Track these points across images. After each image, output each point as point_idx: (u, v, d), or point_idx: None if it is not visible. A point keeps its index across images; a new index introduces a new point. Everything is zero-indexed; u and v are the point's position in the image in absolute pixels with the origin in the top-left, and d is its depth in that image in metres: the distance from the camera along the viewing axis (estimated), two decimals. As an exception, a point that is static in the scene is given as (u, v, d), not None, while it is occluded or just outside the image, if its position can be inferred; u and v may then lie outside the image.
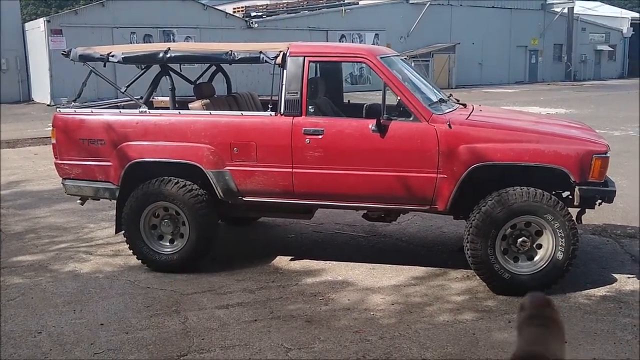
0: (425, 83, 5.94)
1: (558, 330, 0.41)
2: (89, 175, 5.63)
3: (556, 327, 0.41)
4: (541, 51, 39.57)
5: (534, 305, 0.42)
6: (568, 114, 18.27)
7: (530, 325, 0.41)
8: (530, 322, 0.41)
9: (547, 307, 0.42)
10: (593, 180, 4.84)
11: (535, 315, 0.41)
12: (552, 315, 0.42)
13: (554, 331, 0.40)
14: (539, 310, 0.42)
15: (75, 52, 5.92)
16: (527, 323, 0.41)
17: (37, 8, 45.39)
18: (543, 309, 0.42)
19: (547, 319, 0.41)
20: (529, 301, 0.43)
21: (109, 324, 4.49)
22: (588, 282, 5.21)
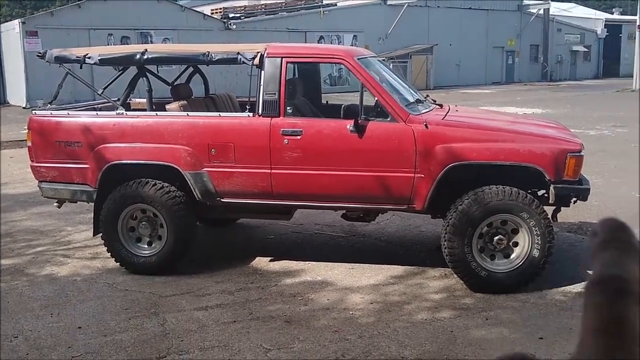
0: (402, 84, 5.98)
1: (635, 253, 0.41)
2: (65, 177, 5.58)
3: (633, 250, 0.41)
4: (518, 52, 39.98)
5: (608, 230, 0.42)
6: (544, 114, 18.50)
7: (605, 249, 0.41)
8: (605, 247, 0.41)
9: (622, 230, 0.42)
10: (568, 178, 4.91)
11: (610, 239, 0.42)
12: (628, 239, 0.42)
13: (631, 254, 0.41)
14: (614, 234, 0.42)
15: (51, 54, 5.88)
16: (602, 247, 0.41)
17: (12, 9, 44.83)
18: (618, 232, 0.42)
19: (623, 242, 0.42)
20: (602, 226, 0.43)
21: (87, 327, 4.46)
22: (564, 279, 5.29)
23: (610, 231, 0.44)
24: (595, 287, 0.40)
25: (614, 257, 0.42)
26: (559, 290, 5.05)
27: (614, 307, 0.39)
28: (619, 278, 0.41)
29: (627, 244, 0.43)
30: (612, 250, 0.43)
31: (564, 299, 4.87)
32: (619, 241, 0.44)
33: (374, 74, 5.35)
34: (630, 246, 0.43)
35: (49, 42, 21.22)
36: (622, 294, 0.39)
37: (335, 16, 31.69)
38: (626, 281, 0.40)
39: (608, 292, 0.40)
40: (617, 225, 0.45)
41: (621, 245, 0.43)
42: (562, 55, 42.69)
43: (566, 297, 4.92)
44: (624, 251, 0.43)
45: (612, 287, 0.40)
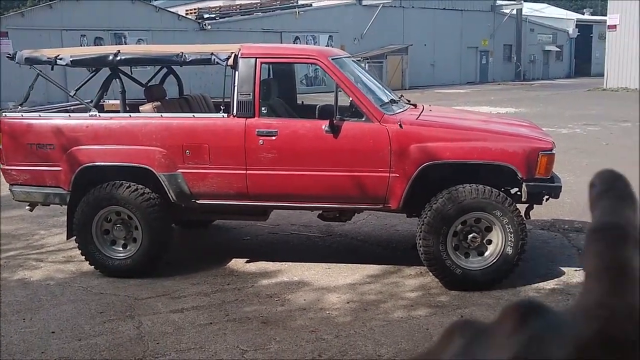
0: (377, 84, 6.02)
1: (632, 201, 0.43)
2: (38, 180, 5.51)
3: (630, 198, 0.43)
4: (491, 52, 40.38)
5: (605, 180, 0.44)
6: (518, 113, 18.71)
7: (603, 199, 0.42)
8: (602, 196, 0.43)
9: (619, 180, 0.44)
10: (540, 176, 4.98)
11: (608, 189, 0.43)
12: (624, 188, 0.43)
13: (628, 202, 0.42)
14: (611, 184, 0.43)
15: (21, 55, 5.80)
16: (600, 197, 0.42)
17: (-19, 10, 44.04)
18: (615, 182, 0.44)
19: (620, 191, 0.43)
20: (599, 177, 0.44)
21: (61, 331, 4.41)
22: (537, 276, 5.36)
23: (607, 181, 0.46)
24: (595, 234, 0.41)
25: (611, 206, 0.44)
26: (532, 287, 5.12)
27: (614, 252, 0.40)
28: (617, 225, 0.42)
29: (624, 192, 0.45)
30: (609, 199, 0.44)
31: (538, 296, 4.94)
32: (616, 190, 0.45)
33: (348, 74, 5.38)
34: (627, 195, 0.45)
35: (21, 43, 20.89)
36: (621, 240, 0.41)
37: (311, 16, 31.72)
38: (624, 227, 0.42)
39: (607, 238, 0.41)
40: (614, 175, 0.47)
41: (618, 194, 0.45)
42: (535, 55, 43.23)
43: (539, 293, 4.99)
44: (621, 199, 0.44)
45: (611, 233, 0.42)
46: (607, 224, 0.42)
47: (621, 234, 0.42)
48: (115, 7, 25.60)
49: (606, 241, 0.41)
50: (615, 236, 0.42)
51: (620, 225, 0.42)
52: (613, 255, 0.40)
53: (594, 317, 0.36)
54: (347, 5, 33.11)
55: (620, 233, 0.42)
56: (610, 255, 0.40)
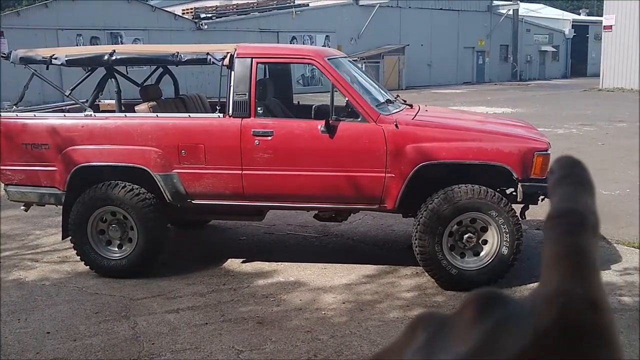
0: (373, 84, 6.02)
1: (590, 187, 0.44)
2: (33, 180, 5.50)
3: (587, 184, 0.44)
4: (488, 52, 40.44)
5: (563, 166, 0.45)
6: (514, 113, 18.74)
7: (561, 185, 0.43)
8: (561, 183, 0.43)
9: (577, 166, 0.44)
10: (535, 176, 4.99)
11: (566, 175, 0.44)
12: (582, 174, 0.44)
13: (586, 188, 0.43)
14: (570, 170, 0.44)
15: (16, 55, 5.78)
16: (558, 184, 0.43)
17: (-23, 9, 43.94)
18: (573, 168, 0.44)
19: (578, 177, 0.44)
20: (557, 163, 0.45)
21: (56, 332, 4.40)
22: (533, 276, 5.36)
23: (565, 168, 0.47)
24: (553, 221, 0.42)
25: (569, 192, 0.44)
26: (528, 287, 5.12)
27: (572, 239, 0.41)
28: (575, 211, 0.43)
29: (581, 178, 0.46)
30: (567, 186, 0.45)
31: (533, 296, 4.94)
32: (574, 176, 0.46)
33: (344, 74, 5.38)
34: (584, 181, 0.46)
35: (16, 43, 20.86)
36: (578, 226, 0.41)
37: (308, 16, 31.71)
38: (582, 213, 0.43)
39: (565, 225, 0.42)
40: (572, 161, 0.48)
41: (576, 179, 0.46)
42: (531, 55, 43.30)
43: (535, 293, 4.99)
44: (579, 185, 0.45)
45: (568, 220, 0.42)
46: (565, 210, 0.43)
47: (579, 220, 0.42)
48: (111, 7, 25.55)
49: (564, 227, 0.42)
50: (573, 222, 0.42)
51: (577, 211, 0.43)
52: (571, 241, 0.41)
53: (552, 304, 0.36)
54: (343, 5, 33.12)
55: (577, 219, 0.42)
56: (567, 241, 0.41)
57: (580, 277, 0.38)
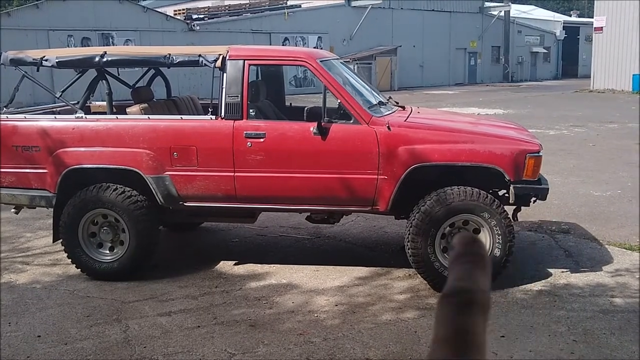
0: (365, 86, 6.02)
1: (484, 265, 0.45)
2: (23, 183, 5.46)
3: (482, 263, 0.45)
4: (480, 53, 40.58)
5: (462, 244, 0.46)
6: (506, 114, 18.80)
7: (458, 263, 0.45)
8: (458, 260, 0.45)
9: (474, 244, 0.46)
10: (527, 178, 5.00)
11: (464, 253, 0.45)
12: (479, 252, 0.45)
13: (480, 266, 0.44)
14: (467, 248, 0.46)
15: (6, 56, 5.74)
16: (456, 261, 0.45)
17: (-33, 10, 43.65)
18: (470, 246, 0.46)
19: (474, 255, 0.45)
20: (457, 241, 0.46)
21: (47, 335, 4.37)
22: (525, 277, 5.38)
23: (463, 245, 0.48)
24: (444, 299, 0.43)
25: (465, 271, 0.45)
26: (520, 289, 5.13)
27: (460, 318, 0.42)
28: (467, 290, 0.44)
29: (478, 257, 0.47)
30: (464, 264, 0.46)
31: (525, 297, 4.96)
32: (471, 255, 0.47)
33: (336, 76, 5.37)
34: (480, 259, 0.47)
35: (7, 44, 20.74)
36: (467, 306, 0.42)
37: (300, 18, 31.72)
38: (473, 293, 0.43)
39: (455, 304, 0.43)
40: (470, 239, 0.48)
41: (473, 258, 0.47)
42: (523, 57, 43.49)
43: (527, 295, 5.01)
44: (475, 264, 0.46)
45: (459, 299, 0.43)
46: (456, 289, 0.43)
47: (469, 299, 0.42)
48: (102, 7, 25.45)
49: (453, 308, 0.42)
50: (463, 303, 0.42)
51: (469, 291, 0.43)
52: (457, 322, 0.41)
53: None
54: (336, 6, 33.14)
55: (468, 299, 0.43)
56: (454, 322, 0.41)
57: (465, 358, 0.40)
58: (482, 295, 0.43)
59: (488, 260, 0.45)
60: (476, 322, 0.41)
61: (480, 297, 0.42)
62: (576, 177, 9.47)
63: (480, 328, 0.40)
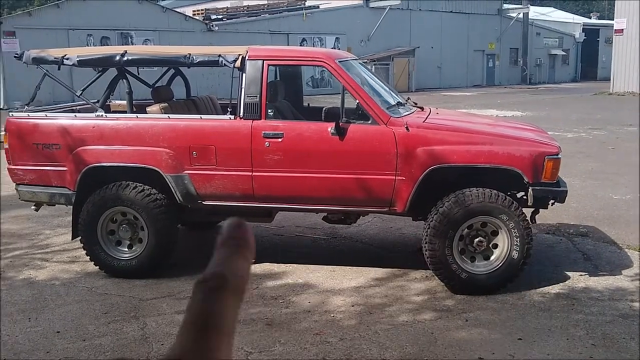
0: (384, 86, 6.01)
1: (246, 250, 0.47)
2: (43, 180, 5.52)
3: (245, 247, 0.47)
4: (498, 55, 40.35)
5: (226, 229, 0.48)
6: (524, 116, 18.68)
7: (221, 248, 0.47)
8: (221, 245, 0.47)
9: (239, 229, 0.47)
10: (546, 180, 4.97)
11: (227, 238, 0.47)
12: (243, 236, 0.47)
13: (242, 252, 0.46)
14: (231, 233, 0.47)
15: (28, 55, 5.80)
16: (218, 247, 0.47)
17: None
18: (234, 231, 0.47)
19: (237, 240, 0.47)
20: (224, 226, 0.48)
21: (66, 331, 4.41)
22: (542, 280, 5.34)
23: (227, 230, 0.49)
24: (197, 285, 0.45)
25: (224, 255, 0.47)
26: (537, 291, 5.10)
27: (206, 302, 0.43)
28: (219, 275, 0.46)
29: (241, 241, 0.48)
30: (225, 249, 0.48)
31: (543, 300, 4.92)
32: (234, 239, 0.48)
33: (355, 76, 5.37)
34: (243, 244, 0.48)
35: (27, 43, 20.97)
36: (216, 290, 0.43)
37: (318, 18, 31.74)
38: (224, 277, 0.45)
39: (203, 291, 0.43)
40: (235, 224, 0.50)
41: (235, 243, 0.48)
42: (541, 59, 43.18)
43: (544, 298, 4.97)
44: (236, 249, 0.47)
45: (210, 283, 0.45)
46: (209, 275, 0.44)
47: (219, 284, 0.44)
48: (122, 7, 25.66)
49: (201, 294, 0.44)
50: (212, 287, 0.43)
51: (221, 275, 0.44)
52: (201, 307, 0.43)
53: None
54: (354, 7, 33.13)
55: (217, 283, 0.43)
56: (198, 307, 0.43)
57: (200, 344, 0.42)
58: (234, 280, 0.44)
59: (251, 244, 0.47)
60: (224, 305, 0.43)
61: (232, 282, 0.44)
62: (595, 180, 9.38)
63: (228, 312, 0.43)
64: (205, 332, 0.42)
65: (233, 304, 0.44)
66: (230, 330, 0.44)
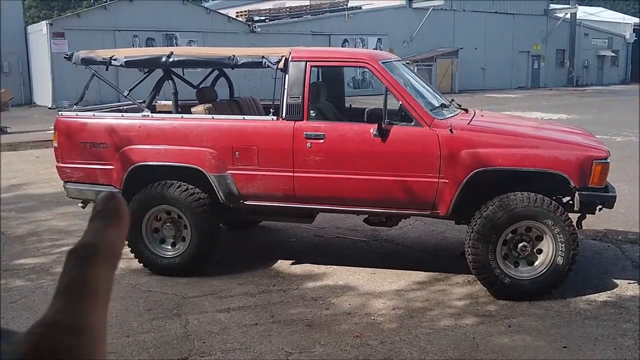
0: (427, 88, 5.96)
1: (119, 221, 0.48)
2: (90, 178, 5.64)
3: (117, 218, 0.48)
4: (543, 56, 39.60)
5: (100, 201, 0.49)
6: (570, 119, 18.28)
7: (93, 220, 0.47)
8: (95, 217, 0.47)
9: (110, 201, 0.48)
10: (593, 185, 4.85)
11: (100, 210, 0.48)
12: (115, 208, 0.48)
13: (114, 222, 0.47)
14: (104, 204, 0.48)
15: (78, 56, 5.95)
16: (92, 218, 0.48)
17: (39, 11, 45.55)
18: (107, 203, 0.48)
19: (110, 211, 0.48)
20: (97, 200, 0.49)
21: (110, 327, 4.50)
22: (589, 287, 5.21)
23: (99, 204, 0.49)
24: (68, 255, 0.45)
25: (95, 227, 0.48)
26: (583, 299, 4.98)
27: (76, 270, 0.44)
28: (88, 244, 0.47)
29: (113, 212, 0.48)
30: (97, 220, 0.48)
31: (589, 308, 4.80)
32: (107, 211, 0.48)
33: (398, 77, 5.34)
34: (114, 214, 0.48)
35: (75, 44, 21.53)
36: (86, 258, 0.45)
37: (360, 19, 31.69)
38: (94, 246, 0.46)
39: (73, 259, 0.45)
40: (106, 197, 0.50)
41: (107, 214, 0.48)
42: (589, 60, 42.21)
43: (591, 305, 4.85)
44: (107, 219, 0.48)
45: (80, 253, 0.46)
46: (80, 244, 0.46)
47: (89, 252, 0.46)
48: (167, 9, 26.11)
49: (72, 261, 0.45)
50: (82, 255, 0.45)
51: (91, 245, 0.46)
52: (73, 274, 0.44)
53: (31, 335, 0.40)
54: (397, 7, 32.97)
55: (87, 252, 0.46)
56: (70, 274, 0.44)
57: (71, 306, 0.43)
58: (105, 247, 0.45)
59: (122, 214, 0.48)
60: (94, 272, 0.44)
61: (102, 250, 0.45)
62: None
63: (99, 278, 0.44)
64: (76, 295, 0.44)
65: (104, 270, 0.46)
66: (103, 294, 0.45)
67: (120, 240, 0.48)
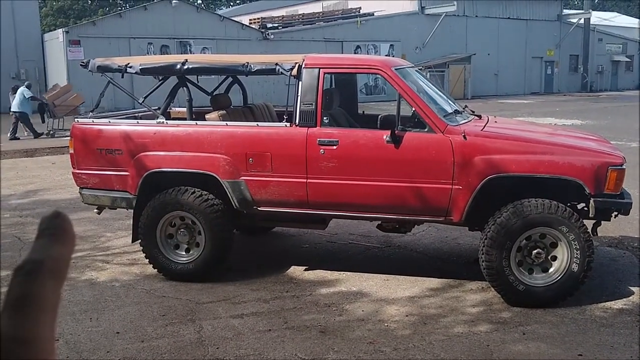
0: (440, 94, 5.96)
1: (65, 237, 0.50)
2: (106, 184, 5.69)
3: (62, 235, 0.49)
4: (557, 62, 39.40)
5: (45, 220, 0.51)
6: (584, 125, 18.17)
7: (39, 237, 0.50)
8: (41, 234, 0.50)
9: (55, 219, 0.50)
10: (609, 192, 4.82)
11: (45, 227, 0.50)
12: (61, 225, 0.50)
13: (60, 239, 0.49)
14: (49, 222, 0.50)
15: (94, 63, 6.01)
16: (38, 236, 0.50)
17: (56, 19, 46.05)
18: (53, 220, 0.50)
19: (55, 228, 0.50)
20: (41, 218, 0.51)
21: (125, 332, 4.53)
22: (604, 294, 5.17)
23: (46, 221, 0.52)
24: (14, 272, 0.48)
25: (41, 243, 0.50)
26: (598, 306, 4.94)
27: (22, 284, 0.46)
28: (34, 260, 0.48)
29: (58, 229, 0.50)
30: (43, 238, 0.50)
31: (604, 315, 4.77)
32: (53, 227, 0.51)
33: (411, 84, 5.34)
34: (60, 231, 0.51)
35: (91, 51, 21.76)
36: (31, 273, 0.47)
37: (372, 26, 31.74)
38: (40, 262, 0.48)
39: (20, 274, 0.47)
40: (52, 215, 0.52)
41: (53, 231, 0.50)
42: (603, 66, 41.92)
43: (606, 313, 4.82)
44: (53, 236, 0.50)
45: (24, 268, 0.48)
46: (26, 260, 0.48)
47: (35, 268, 0.48)
48: (181, 16, 26.31)
49: (19, 277, 0.47)
50: (27, 270, 0.47)
51: (37, 261, 0.48)
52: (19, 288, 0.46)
53: None
54: (409, 14, 32.98)
55: (33, 267, 0.48)
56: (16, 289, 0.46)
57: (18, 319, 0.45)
58: (51, 263, 0.47)
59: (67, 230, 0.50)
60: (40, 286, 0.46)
61: (48, 265, 0.47)
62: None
63: (46, 293, 0.46)
64: (23, 309, 0.46)
65: (51, 284, 0.47)
66: (50, 308, 0.47)
67: (66, 255, 0.50)
